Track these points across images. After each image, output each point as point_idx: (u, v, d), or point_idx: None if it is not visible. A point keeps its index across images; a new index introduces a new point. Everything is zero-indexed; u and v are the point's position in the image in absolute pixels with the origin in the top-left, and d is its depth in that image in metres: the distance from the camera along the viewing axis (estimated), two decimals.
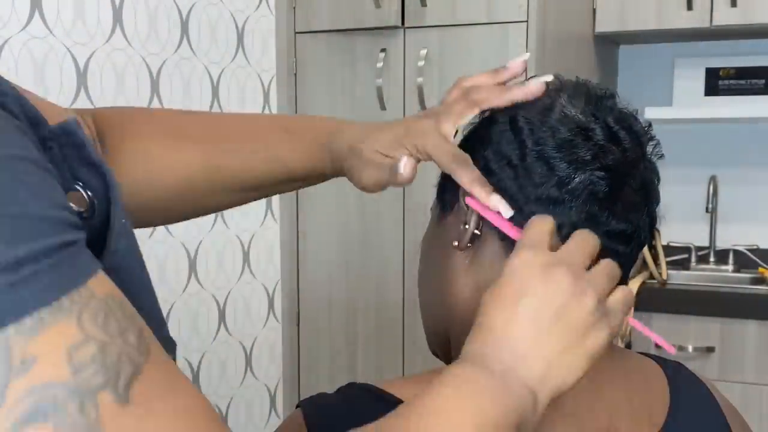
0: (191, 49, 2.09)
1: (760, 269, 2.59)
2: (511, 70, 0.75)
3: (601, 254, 0.70)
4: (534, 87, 0.71)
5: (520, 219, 0.69)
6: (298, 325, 2.52)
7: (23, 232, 0.35)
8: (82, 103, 1.78)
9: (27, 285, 0.35)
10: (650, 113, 2.36)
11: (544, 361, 0.57)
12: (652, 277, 2.41)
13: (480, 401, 0.54)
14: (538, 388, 0.57)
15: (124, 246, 0.45)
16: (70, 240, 0.37)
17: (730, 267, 2.65)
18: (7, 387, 0.33)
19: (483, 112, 0.76)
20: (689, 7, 2.33)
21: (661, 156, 0.74)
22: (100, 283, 0.38)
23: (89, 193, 0.44)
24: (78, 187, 0.44)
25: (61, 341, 0.35)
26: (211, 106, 2.18)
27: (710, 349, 2.24)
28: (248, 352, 2.38)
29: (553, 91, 0.73)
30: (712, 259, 2.68)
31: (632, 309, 0.65)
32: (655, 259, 2.41)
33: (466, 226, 0.71)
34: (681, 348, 2.26)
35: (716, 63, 2.63)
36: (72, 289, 0.36)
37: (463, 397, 0.54)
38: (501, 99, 0.72)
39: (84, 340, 0.35)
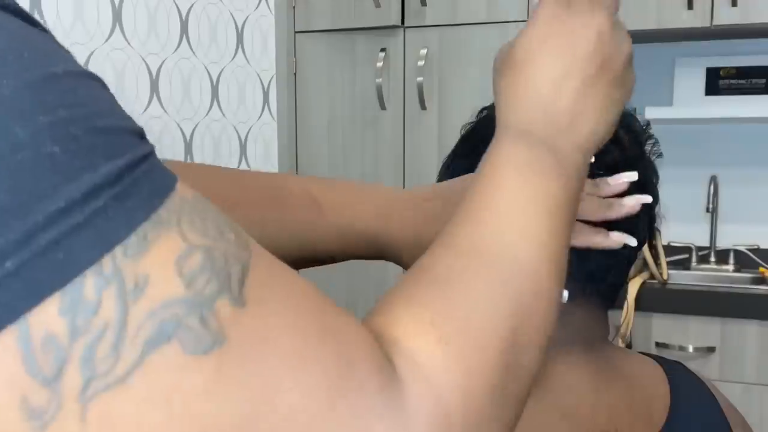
0: (191, 48, 2.09)
1: (761, 269, 2.59)
2: (613, 188, 0.69)
3: (600, 254, 0.70)
4: (631, 207, 0.68)
5: None
6: None
7: (116, 144, 0.33)
8: None
9: (129, 198, 0.33)
10: (650, 113, 2.36)
11: (593, 117, 0.53)
12: (652, 277, 2.40)
13: (542, 186, 0.48)
14: (587, 147, 0.53)
15: None
16: (150, 149, 0.35)
17: (730, 267, 2.65)
18: (126, 315, 0.32)
19: (481, 111, 0.76)
20: (689, 6, 2.33)
21: (660, 155, 0.74)
22: (183, 186, 0.36)
23: None
24: None
25: (167, 255, 0.33)
26: (211, 106, 2.17)
27: (711, 349, 2.24)
28: None
29: None
30: (712, 259, 2.68)
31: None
32: (656, 259, 2.41)
33: None
34: (681, 348, 2.25)
35: (717, 63, 2.63)
36: (165, 198, 0.34)
37: (525, 185, 0.48)
38: (595, 216, 0.68)
39: (189, 250, 0.34)
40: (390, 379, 0.37)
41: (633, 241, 0.68)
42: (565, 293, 0.65)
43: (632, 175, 0.69)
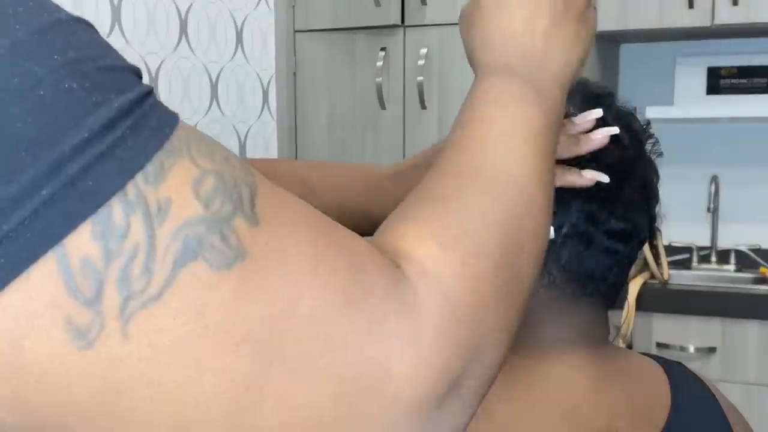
0: (190, 47, 2.09)
1: (762, 269, 2.58)
2: (580, 126, 0.70)
3: (602, 253, 0.70)
4: (599, 140, 0.68)
5: None
6: None
7: (122, 81, 0.36)
8: None
9: (143, 129, 0.35)
10: (651, 112, 2.35)
11: (565, 52, 0.56)
12: (653, 277, 2.40)
13: (525, 112, 0.51)
14: (563, 79, 0.56)
15: None
16: (150, 87, 0.38)
17: (731, 267, 2.64)
18: (154, 236, 0.34)
19: None
20: (690, 5, 2.32)
21: (660, 154, 0.74)
22: (182, 122, 0.38)
23: None
24: None
25: (184, 180, 0.35)
26: (210, 105, 2.17)
27: (712, 350, 2.23)
28: None
29: None
30: (713, 259, 2.68)
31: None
32: (657, 258, 2.41)
33: None
34: (682, 348, 2.25)
35: (718, 62, 2.62)
36: (174, 128, 0.36)
37: (508, 112, 0.51)
38: (565, 153, 0.68)
39: (202, 174, 0.36)
40: (399, 281, 0.39)
41: (605, 178, 0.68)
42: (551, 230, 0.66)
43: (597, 112, 0.69)
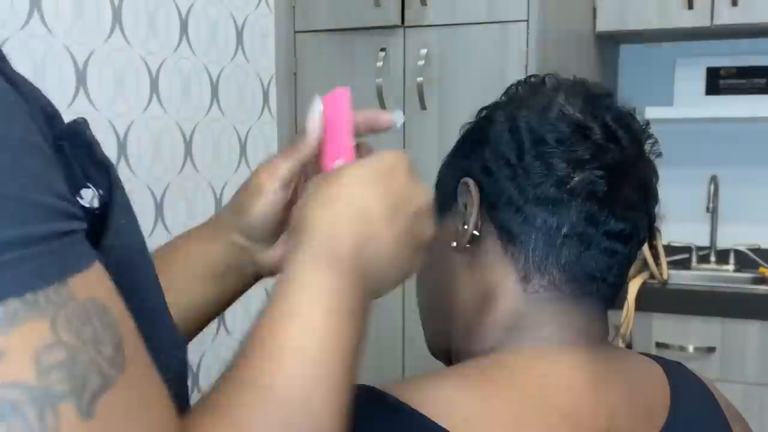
0: (190, 48, 2.09)
1: (761, 269, 2.59)
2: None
3: (601, 254, 0.70)
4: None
5: (519, 219, 0.69)
6: None
7: (14, 214, 0.34)
8: (81, 103, 1.78)
9: (8, 270, 0.33)
10: (651, 113, 2.35)
11: (397, 268, 0.59)
12: (652, 276, 2.40)
13: (348, 328, 0.54)
14: (383, 292, 0.59)
15: (119, 243, 0.44)
16: (61, 230, 0.35)
17: (731, 267, 2.65)
18: None
19: (480, 111, 0.76)
20: (690, 6, 2.33)
21: (659, 154, 0.74)
22: (87, 283, 0.36)
23: (100, 191, 0.44)
24: (89, 186, 0.43)
25: (30, 340, 0.33)
26: (210, 106, 2.17)
27: (711, 349, 2.24)
28: None
29: (550, 90, 0.73)
30: (712, 258, 2.68)
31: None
32: (656, 258, 2.41)
33: (465, 227, 0.71)
34: (682, 348, 2.25)
35: (717, 62, 2.63)
36: (50, 286, 0.34)
37: (324, 315, 0.53)
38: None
39: (54, 344, 0.33)
40: None
41: (400, 117, 0.73)
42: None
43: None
